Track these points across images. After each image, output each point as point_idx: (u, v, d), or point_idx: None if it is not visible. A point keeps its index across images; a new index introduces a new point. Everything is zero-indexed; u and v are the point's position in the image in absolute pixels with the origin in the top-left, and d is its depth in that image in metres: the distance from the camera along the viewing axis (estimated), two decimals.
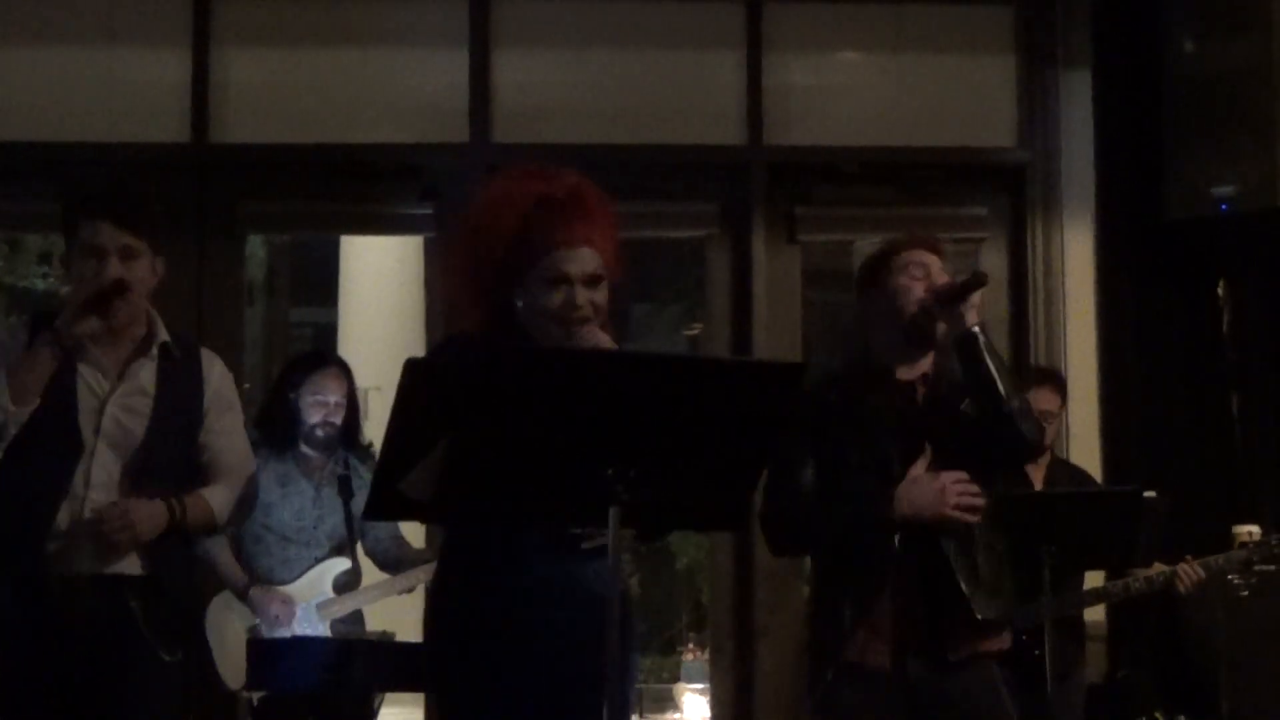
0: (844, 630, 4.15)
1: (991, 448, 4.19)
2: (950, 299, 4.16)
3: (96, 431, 4.16)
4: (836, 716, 4.21)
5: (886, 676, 4.13)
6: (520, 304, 3.54)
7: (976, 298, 4.16)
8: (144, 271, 4.22)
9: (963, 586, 4.13)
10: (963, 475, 4.14)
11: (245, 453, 4.48)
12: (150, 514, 4.14)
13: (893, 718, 4.15)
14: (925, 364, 4.27)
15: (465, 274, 3.62)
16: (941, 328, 4.19)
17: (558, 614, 3.46)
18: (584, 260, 3.52)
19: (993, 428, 4.14)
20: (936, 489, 4.12)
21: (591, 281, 3.52)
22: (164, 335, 4.32)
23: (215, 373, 4.41)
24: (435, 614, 3.65)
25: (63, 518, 4.10)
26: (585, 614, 3.44)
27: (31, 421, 4.07)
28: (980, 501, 4.15)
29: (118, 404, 4.20)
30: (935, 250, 4.31)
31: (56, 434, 4.12)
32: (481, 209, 3.64)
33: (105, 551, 4.10)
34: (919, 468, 4.17)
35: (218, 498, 4.33)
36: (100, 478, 4.14)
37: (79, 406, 4.16)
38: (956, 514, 4.12)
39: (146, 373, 4.25)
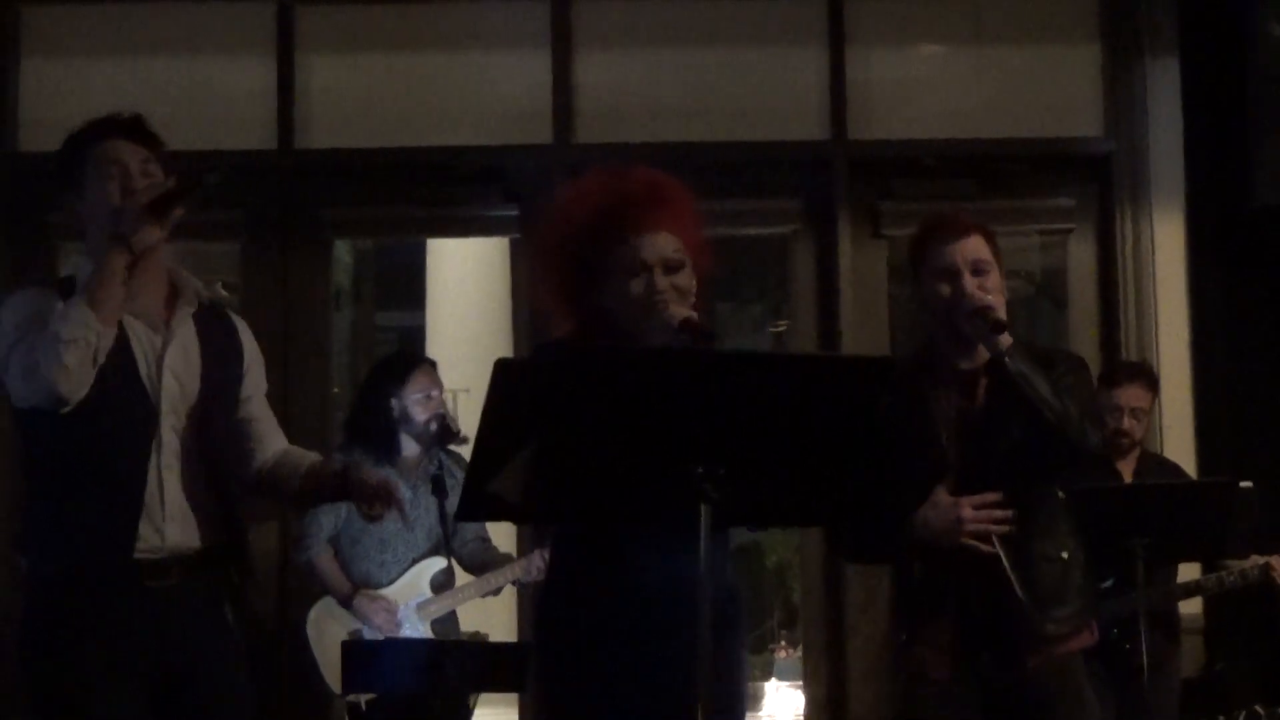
0: (901, 646, 4.17)
1: (1046, 455, 4.11)
2: (970, 321, 4.05)
3: (158, 394, 3.76)
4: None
5: (952, 689, 4.12)
6: (606, 302, 3.54)
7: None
8: None
9: (1021, 599, 4.07)
10: (987, 499, 4.06)
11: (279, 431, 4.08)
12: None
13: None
14: (987, 355, 4.14)
15: (551, 280, 3.62)
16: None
17: (667, 612, 3.46)
18: (661, 245, 3.51)
19: (1037, 439, 4.05)
20: (951, 518, 4.05)
21: (672, 266, 3.51)
22: (196, 284, 3.91)
23: (246, 329, 4.03)
24: (545, 611, 3.65)
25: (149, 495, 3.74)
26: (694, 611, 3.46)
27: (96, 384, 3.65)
28: (1001, 529, 4.05)
29: (173, 360, 3.80)
30: (966, 233, 4.13)
31: (125, 399, 3.73)
32: (558, 212, 3.65)
33: None
34: (942, 492, 4.08)
35: (274, 429, 4.04)
36: (171, 445, 3.78)
37: (138, 366, 3.76)
38: (972, 543, 4.05)
39: (188, 326, 3.85)
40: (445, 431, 6.05)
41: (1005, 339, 4.02)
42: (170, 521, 3.77)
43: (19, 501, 3.98)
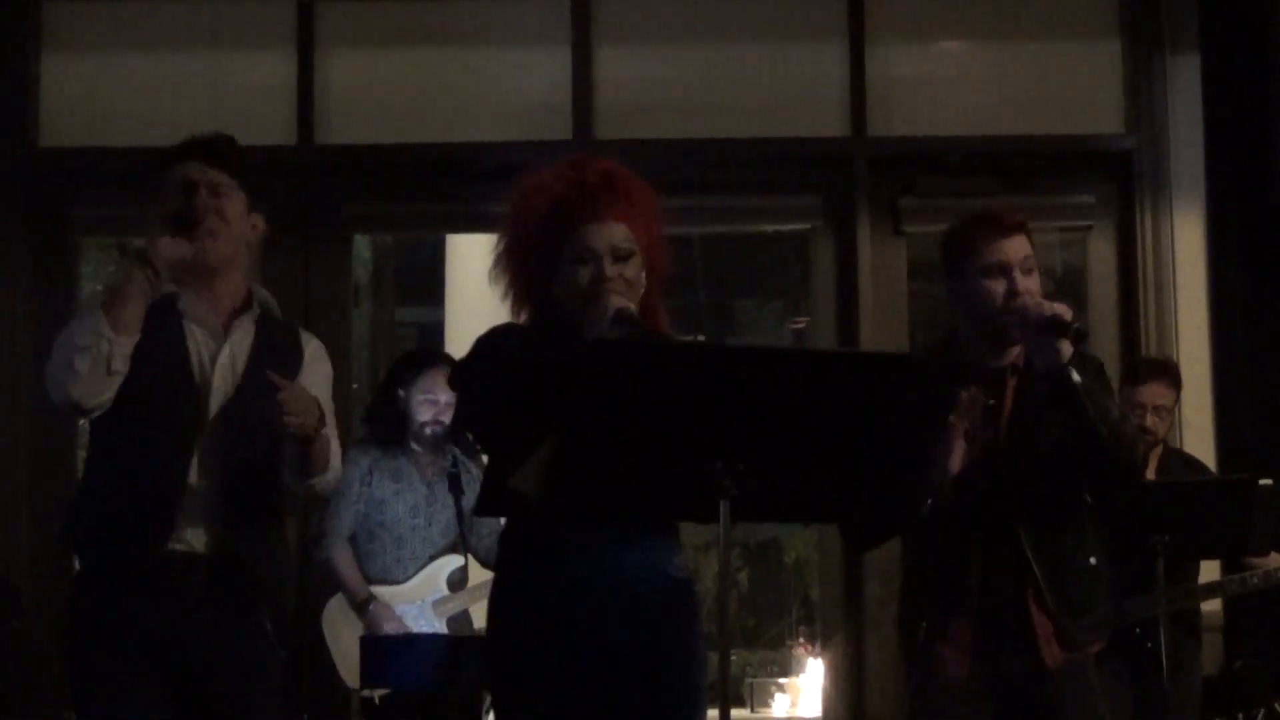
0: (920, 645, 4.13)
1: (1083, 472, 4.06)
2: (1037, 330, 3.94)
3: (207, 396, 3.87)
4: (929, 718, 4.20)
5: (968, 686, 4.09)
6: (556, 292, 3.56)
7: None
8: (237, 211, 3.92)
9: (1050, 606, 4.04)
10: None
11: (338, 448, 4.07)
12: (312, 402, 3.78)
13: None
14: (1015, 353, 4.10)
15: (509, 268, 3.65)
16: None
17: (601, 606, 3.50)
18: (611, 234, 3.53)
19: (1085, 455, 3.99)
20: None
21: (620, 255, 3.53)
22: (265, 296, 4.05)
23: (312, 346, 4.11)
24: (491, 610, 3.68)
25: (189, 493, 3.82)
26: (627, 605, 3.47)
27: (143, 384, 3.76)
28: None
29: (223, 364, 3.91)
30: (1016, 230, 4.08)
31: (174, 400, 3.84)
32: (517, 202, 3.67)
33: (271, 430, 3.76)
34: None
35: (333, 448, 4.00)
36: (216, 447, 3.87)
37: (192, 369, 3.88)
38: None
39: (244, 331, 3.96)
40: (456, 430, 6.04)
41: (1066, 348, 3.92)
42: (206, 521, 3.84)
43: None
